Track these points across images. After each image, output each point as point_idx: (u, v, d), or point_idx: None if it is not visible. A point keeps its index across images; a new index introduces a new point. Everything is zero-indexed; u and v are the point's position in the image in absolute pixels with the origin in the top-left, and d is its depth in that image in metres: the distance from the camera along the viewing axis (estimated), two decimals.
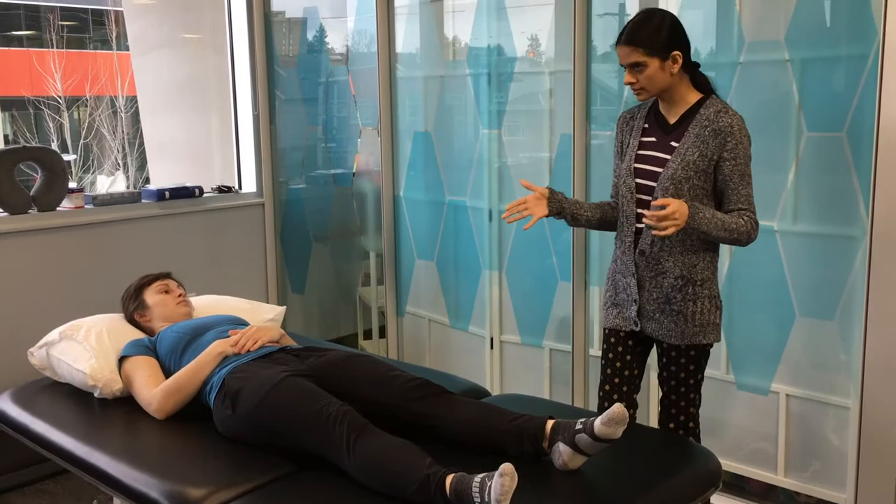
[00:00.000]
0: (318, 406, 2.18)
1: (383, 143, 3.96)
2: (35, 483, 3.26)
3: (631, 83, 2.36)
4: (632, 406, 2.57)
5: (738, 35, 2.86)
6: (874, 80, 2.48)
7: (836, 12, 2.70)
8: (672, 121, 2.41)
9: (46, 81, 14.27)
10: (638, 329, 2.49)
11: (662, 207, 2.22)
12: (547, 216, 2.48)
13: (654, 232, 2.25)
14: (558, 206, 2.50)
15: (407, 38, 3.96)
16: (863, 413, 2.61)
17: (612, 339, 2.56)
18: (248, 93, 4.29)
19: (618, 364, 2.55)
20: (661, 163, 2.40)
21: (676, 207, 2.21)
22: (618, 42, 2.35)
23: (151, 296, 2.96)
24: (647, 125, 2.47)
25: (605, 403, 2.58)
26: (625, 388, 2.56)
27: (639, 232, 2.45)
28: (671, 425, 2.49)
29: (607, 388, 2.57)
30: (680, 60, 2.32)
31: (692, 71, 2.39)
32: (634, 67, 2.32)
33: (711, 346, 2.46)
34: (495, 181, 3.63)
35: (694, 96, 2.39)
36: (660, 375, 2.53)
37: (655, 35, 2.29)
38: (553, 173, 3.42)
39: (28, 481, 3.26)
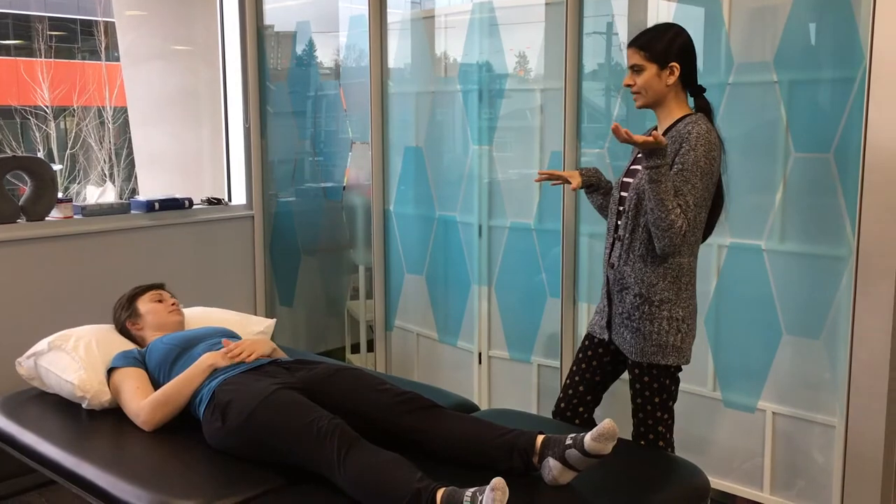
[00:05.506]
0: (308, 419, 2.18)
1: (374, 157, 3.97)
2: (20, 494, 3.23)
3: (629, 85, 2.43)
4: (582, 405, 2.63)
5: (726, 56, 2.89)
6: (861, 102, 2.52)
7: (824, 35, 2.75)
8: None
9: (34, 91, 14.22)
10: (607, 339, 2.54)
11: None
12: (581, 186, 2.62)
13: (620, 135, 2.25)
14: (595, 179, 2.63)
15: (399, 53, 3.98)
16: (848, 431, 2.63)
17: (587, 342, 2.65)
18: (239, 105, 4.30)
19: (583, 365, 2.63)
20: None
21: (663, 141, 2.24)
22: (628, 44, 2.42)
23: (144, 304, 2.95)
24: None
25: (560, 394, 2.68)
26: (581, 388, 2.63)
27: (613, 244, 2.50)
28: (641, 442, 2.52)
29: (567, 381, 2.67)
30: (676, 73, 2.37)
31: (694, 92, 2.44)
32: (635, 70, 2.40)
33: (677, 368, 2.46)
34: (485, 197, 3.65)
35: (681, 112, 2.42)
36: (630, 390, 2.55)
37: (659, 43, 2.37)
38: (543, 190, 3.44)
39: (13, 493, 3.23)
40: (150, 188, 4.85)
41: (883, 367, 2.54)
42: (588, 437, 2.04)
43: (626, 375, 2.57)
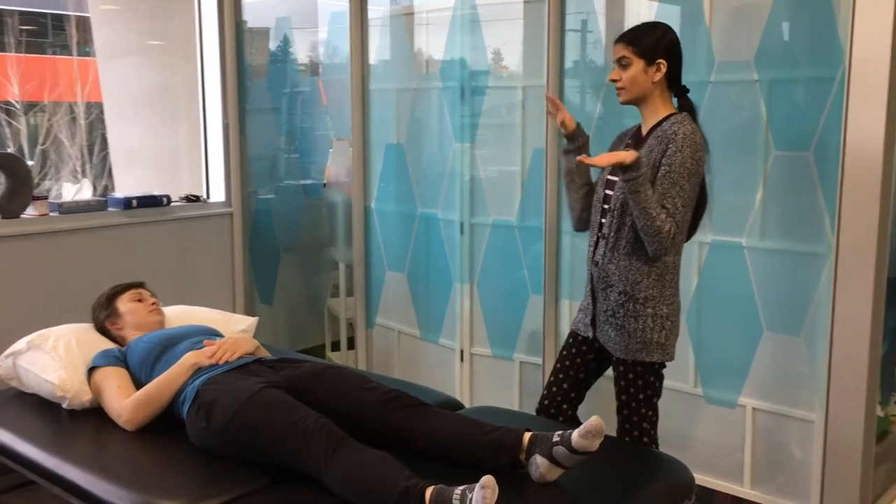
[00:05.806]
0: (295, 418, 2.17)
1: (355, 154, 3.96)
2: None
3: (614, 80, 2.43)
4: (566, 402, 2.64)
5: (707, 54, 2.91)
6: (840, 101, 2.55)
7: (804, 34, 2.77)
8: (644, 134, 2.46)
9: (4, 86, 14.01)
10: (591, 336, 2.55)
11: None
12: (572, 130, 2.54)
13: (580, 158, 2.33)
14: (582, 141, 2.56)
15: (380, 49, 3.97)
16: (827, 427, 2.66)
17: (571, 340, 2.66)
18: (217, 101, 4.26)
19: (567, 362, 2.65)
20: None
21: (627, 158, 2.25)
22: (615, 40, 2.43)
23: (124, 304, 2.92)
24: (629, 141, 2.52)
25: (543, 391, 2.69)
26: (565, 385, 2.65)
27: (598, 242, 2.51)
28: (626, 439, 2.53)
29: (551, 378, 2.68)
30: (663, 70, 2.38)
31: (679, 92, 2.44)
32: (621, 63, 2.40)
33: (661, 365, 2.47)
34: (467, 194, 3.65)
35: (667, 111, 2.43)
36: (614, 387, 2.57)
37: (647, 39, 2.38)
38: (525, 187, 3.45)
39: None
40: (127, 185, 4.80)
41: (862, 364, 2.57)
42: (576, 434, 2.04)
43: (610, 372, 2.59)
